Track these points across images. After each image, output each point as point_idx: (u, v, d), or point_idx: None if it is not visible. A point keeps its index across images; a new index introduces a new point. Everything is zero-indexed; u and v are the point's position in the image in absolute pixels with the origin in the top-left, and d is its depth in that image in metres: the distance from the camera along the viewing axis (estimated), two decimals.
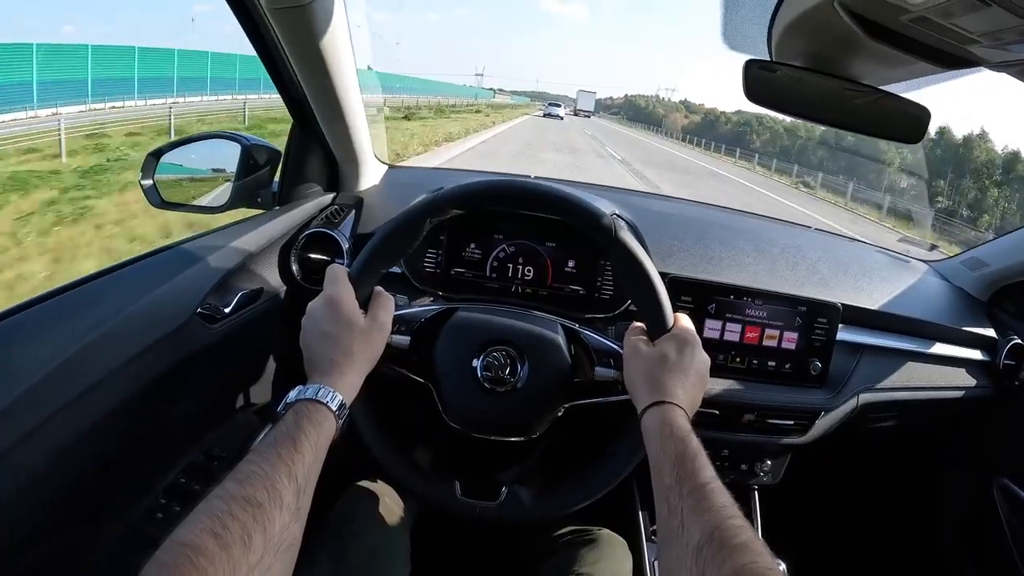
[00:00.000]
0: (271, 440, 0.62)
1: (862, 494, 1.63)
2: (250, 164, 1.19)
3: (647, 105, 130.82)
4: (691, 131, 68.06)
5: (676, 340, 0.80)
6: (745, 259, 1.23)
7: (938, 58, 0.73)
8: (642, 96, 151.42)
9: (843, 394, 1.17)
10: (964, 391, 1.28)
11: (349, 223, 1.20)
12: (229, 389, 1.09)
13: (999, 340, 1.30)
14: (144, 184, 1.14)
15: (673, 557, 0.60)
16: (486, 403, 0.88)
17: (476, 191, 0.85)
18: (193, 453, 0.98)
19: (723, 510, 0.59)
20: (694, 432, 0.70)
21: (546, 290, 1.15)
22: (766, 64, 0.85)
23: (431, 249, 1.14)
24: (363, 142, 1.27)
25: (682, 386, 0.76)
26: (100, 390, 0.75)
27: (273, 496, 0.56)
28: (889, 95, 0.86)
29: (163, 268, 0.93)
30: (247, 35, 1.01)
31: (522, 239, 1.15)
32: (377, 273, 0.83)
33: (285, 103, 1.18)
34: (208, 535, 0.50)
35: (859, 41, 0.72)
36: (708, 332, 1.12)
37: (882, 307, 1.24)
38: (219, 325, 0.95)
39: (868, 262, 1.39)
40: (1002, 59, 0.70)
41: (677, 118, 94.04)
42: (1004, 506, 1.29)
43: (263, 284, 1.07)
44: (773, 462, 1.25)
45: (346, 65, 1.07)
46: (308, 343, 0.76)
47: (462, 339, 0.90)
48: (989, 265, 1.38)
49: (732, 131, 65.04)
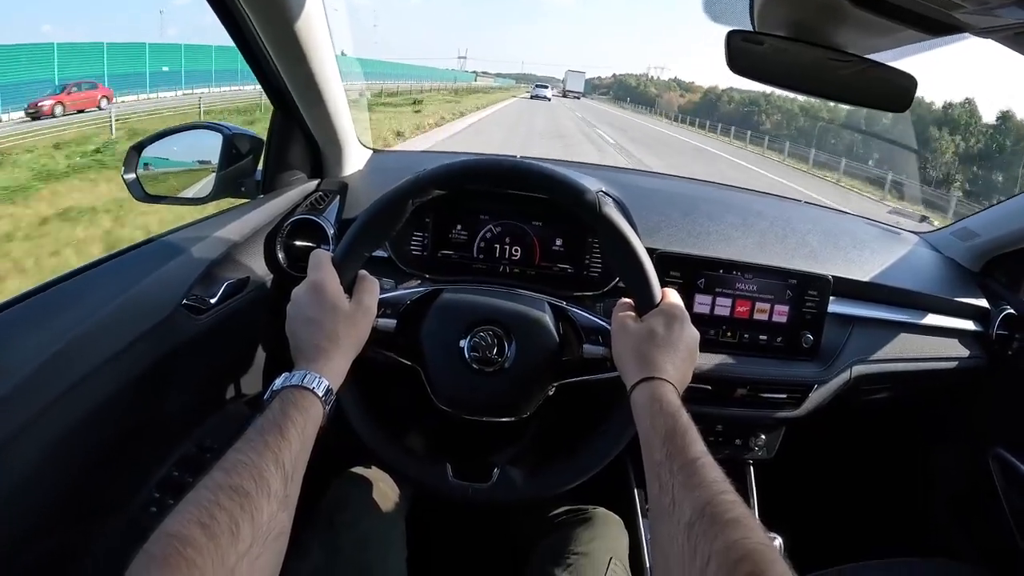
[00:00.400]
0: (258, 428, 0.62)
1: (857, 467, 1.64)
2: (232, 154, 1.18)
3: (638, 84, 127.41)
4: (689, 111, 64.77)
5: (664, 315, 0.80)
6: (734, 233, 1.22)
7: (923, 24, 0.72)
8: (632, 75, 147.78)
9: (836, 366, 1.17)
10: (957, 362, 1.28)
11: (334, 209, 1.19)
12: (219, 380, 1.09)
13: (991, 310, 1.30)
14: (127, 178, 1.13)
15: (665, 534, 0.59)
16: (474, 384, 0.87)
17: (458, 170, 0.84)
18: (185, 445, 0.97)
19: (714, 485, 0.59)
20: (684, 407, 0.70)
21: (534, 269, 1.14)
22: (749, 35, 0.84)
23: (417, 232, 1.13)
24: (345, 127, 1.26)
25: (671, 361, 0.76)
26: (88, 384, 0.74)
27: (260, 484, 0.56)
28: (875, 64, 0.85)
29: (147, 261, 0.92)
30: (222, 22, 0.99)
31: (509, 219, 1.14)
32: (361, 257, 0.82)
33: (265, 90, 1.16)
34: (195, 525, 0.50)
35: (843, 8, 0.72)
36: (698, 307, 1.12)
37: (873, 279, 1.23)
38: (206, 316, 0.94)
39: (858, 234, 1.38)
40: (987, 24, 0.70)
41: (672, 97, 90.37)
42: (999, 475, 1.30)
43: (249, 273, 1.06)
44: (767, 436, 1.25)
45: (324, 49, 1.06)
46: (293, 329, 0.76)
47: (448, 320, 0.89)
48: (980, 235, 1.38)
49: (736, 111, 60.93)
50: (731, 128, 38.36)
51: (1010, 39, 0.72)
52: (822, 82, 0.88)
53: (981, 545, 1.38)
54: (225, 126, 1.19)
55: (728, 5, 0.90)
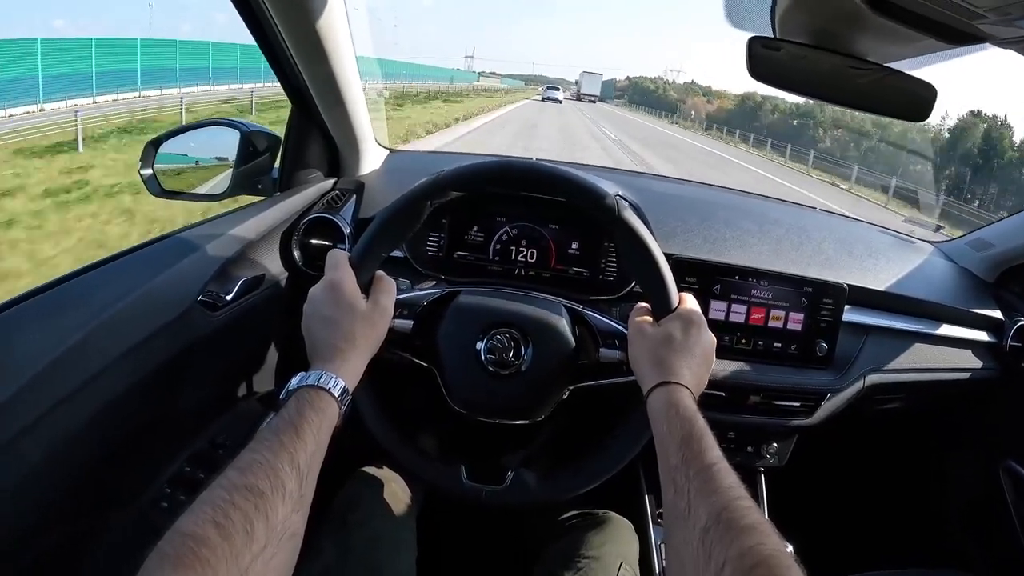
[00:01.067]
0: (273, 428, 0.62)
1: (868, 476, 1.63)
2: (249, 151, 1.18)
3: (656, 88, 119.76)
4: (719, 120, 53.57)
5: (681, 320, 0.80)
6: (750, 239, 1.22)
7: (943, 34, 0.72)
8: (648, 78, 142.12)
9: (849, 375, 1.16)
10: (970, 373, 1.27)
11: (350, 208, 1.19)
12: (232, 377, 1.09)
13: (1006, 321, 1.29)
14: (143, 174, 1.14)
15: (680, 538, 0.59)
16: (490, 386, 0.87)
17: (477, 172, 0.84)
18: (198, 442, 0.98)
19: (730, 491, 0.59)
20: (700, 413, 0.70)
21: (549, 272, 1.14)
22: (770, 41, 0.84)
23: (433, 233, 1.13)
24: (363, 126, 1.26)
25: (688, 366, 0.76)
26: (103, 379, 0.74)
27: (275, 484, 0.56)
28: (894, 72, 0.85)
29: (163, 257, 0.93)
30: (243, 20, 1.00)
31: (525, 221, 1.14)
32: (378, 257, 0.82)
33: (284, 88, 1.17)
34: (210, 525, 0.50)
35: (864, 16, 0.71)
36: (713, 313, 1.12)
37: (888, 288, 1.23)
38: (221, 313, 0.95)
39: (873, 243, 1.38)
40: (1009, 35, 0.69)
41: (698, 103, 77.94)
42: (1010, 488, 1.29)
43: (264, 271, 1.06)
44: (779, 444, 1.25)
45: (344, 49, 1.06)
46: (309, 328, 0.76)
47: (465, 322, 0.89)
48: (995, 246, 1.37)
49: (781, 121, 49.31)
50: (767, 140, 33.71)
51: None
52: (841, 90, 0.87)
53: (992, 555, 1.37)
54: (242, 123, 1.19)
55: (749, 11, 0.90)
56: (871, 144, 33.05)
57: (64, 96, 14.93)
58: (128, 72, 18.28)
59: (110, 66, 17.41)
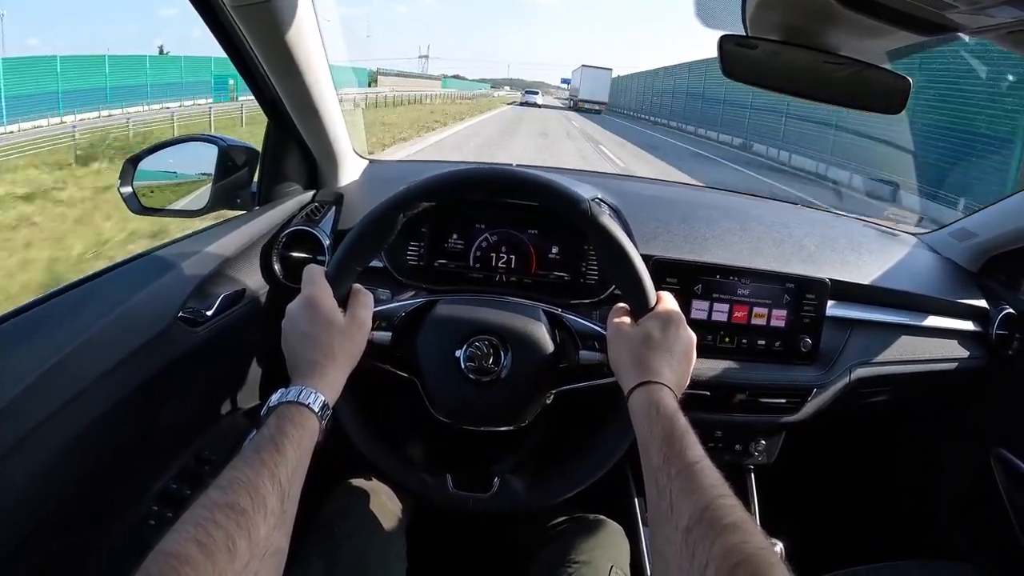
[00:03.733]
0: (254, 445, 0.62)
1: (858, 470, 1.63)
2: (228, 166, 1.17)
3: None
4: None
5: (659, 319, 0.80)
6: (730, 238, 1.22)
7: (915, 25, 0.72)
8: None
9: (835, 370, 1.16)
10: (957, 363, 1.27)
11: (329, 220, 1.19)
12: (216, 392, 1.09)
13: (991, 310, 1.29)
14: (123, 192, 1.13)
15: (663, 538, 0.59)
16: (472, 394, 0.87)
17: (446, 181, 0.84)
18: (184, 458, 0.97)
19: (712, 489, 0.59)
20: (682, 411, 0.70)
21: (531, 278, 1.14)
22: (742, 40, 0.84)
23: (413, 242, 1.13)
24: (340, 138, 1.25)
25: (668, 365, 0.76)
26: (85, 398, 0.74)
27: (257, 501, 0.56)
28: (868, 66, 0.85)
29: (143, 274, 0.92)
30: (214, 35, 0.99)
31: (505, 227, 1.14)
32: (354, 271, 0.82)
33: (259, 102, 1.16)
34: (192, 543, 0.50)
35: (834, 11, 0.71)
36: (695, 313, 1.12)
37: (872, 281, 1.23)
38: (202, 328, 0.94)
39: (856, 236, 1.38)
40: (980, 24, 0.69)
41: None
42: (1001, 475, 1.29)
43: (245, 286, 1.06)
44: (767, 441, 1.25)
45: (317, 60, 1.06)
46: (288, 344, 0.76)
47: (443, 331, 0.89)
48: (978, 235, 1.37)
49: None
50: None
51: (1003, 38, 0.72)
52: (816, 85, 0.88)
53: (983, 545, 1.37)
54: (220, 138, 1.18)
55: (720, 10, 0.91)
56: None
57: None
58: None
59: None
